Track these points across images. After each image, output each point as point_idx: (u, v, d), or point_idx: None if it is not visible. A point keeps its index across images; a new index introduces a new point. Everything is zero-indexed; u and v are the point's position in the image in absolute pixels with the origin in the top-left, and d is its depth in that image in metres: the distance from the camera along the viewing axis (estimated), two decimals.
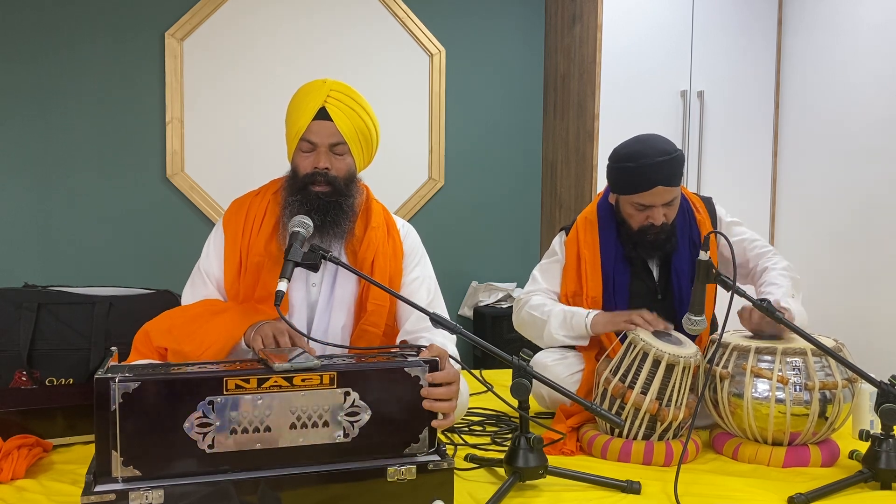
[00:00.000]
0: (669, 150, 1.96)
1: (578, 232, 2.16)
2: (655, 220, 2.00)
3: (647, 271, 2.11)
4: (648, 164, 1.93)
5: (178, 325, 1.69)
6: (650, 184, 1.95)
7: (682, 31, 3.52)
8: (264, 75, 3.64)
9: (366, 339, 1.83)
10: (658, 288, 2.10)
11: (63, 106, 3.45)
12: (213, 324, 1.68)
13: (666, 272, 2.10)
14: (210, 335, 1.65)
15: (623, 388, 1.83)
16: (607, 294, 2.09)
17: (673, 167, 1.95)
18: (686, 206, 2.13)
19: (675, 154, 1.96)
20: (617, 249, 2.09)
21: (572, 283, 2.14)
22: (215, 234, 1.91)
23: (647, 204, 1.99)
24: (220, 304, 1.81)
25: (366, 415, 1.42)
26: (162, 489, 1.29)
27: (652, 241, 2.02)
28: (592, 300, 2.09)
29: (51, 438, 1.82)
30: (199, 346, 1.63)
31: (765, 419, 1.79)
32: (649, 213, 2.00)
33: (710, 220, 2.15)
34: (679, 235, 2.08)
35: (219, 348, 1.63)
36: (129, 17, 3.50)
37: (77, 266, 3.47)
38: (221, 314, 1.72)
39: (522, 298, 2.20)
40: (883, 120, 2.97)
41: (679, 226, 2.08)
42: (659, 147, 1.96)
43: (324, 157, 1.79)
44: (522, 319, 2.18)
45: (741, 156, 3.60)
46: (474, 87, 3.96)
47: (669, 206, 2.01)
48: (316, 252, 1.58)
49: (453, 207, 3.97)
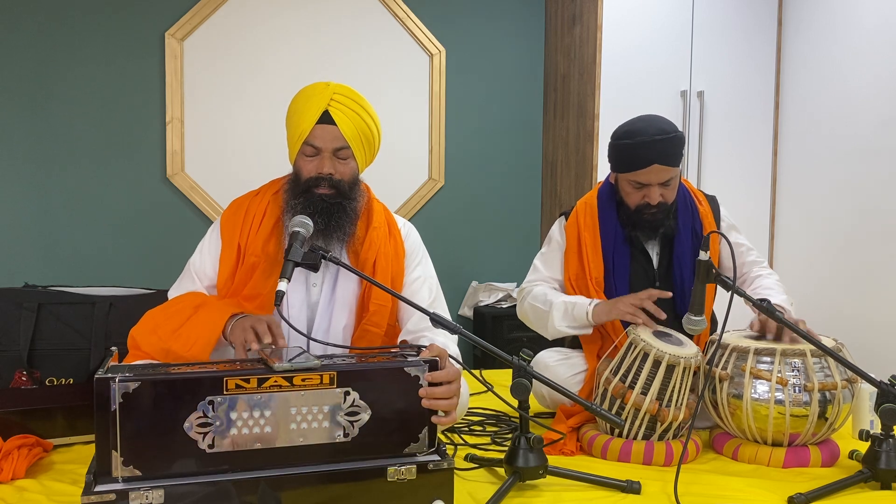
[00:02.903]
0: (668, 129, 1.97)
1: (578, 216, 2.16)
2: (652, 199, 2.00)
3: (647, 257, 2.11)
4: (645, 142, 1.95)
5: (162, 324, 1.68)
6: (646, 161, 1.96)
7: (682, 31, 3.52)
8: (264, 75, 3.64)
9: (367, 339, 1.82)
10: (657, 275, 2.11)
11: (63, 106, 3.45)
12: (195, 318, 1.67)
13: (667, 259, 2.11)
14: (194, 331, 1.64)
15: (623, 388, 1.83)
16: (607, 275, 2.09)
17: (670, 146, 1.96)
18: (689, 198, 2.13)
19: (673, 134, 1.97)
20: (617, 231, 2.10)
21: (574, 267, 2.13)
22: (211, 233, 1.90)
23: (643, 182, 1.99)
24: (200, 295, 1.80)
25: (365, 414, 1.42)
26: (162, 489, 1.29)
27: (649, 220, 2.02)
28: (596, 281, 2.09)
29: (51, 438, 1.83)
30: (185, 343, 1.62)
31: (764, 420, 1.79)
32: (646, 192, 2.00)
33: (714, 216, 2.15)
34: (681, 224, 2.08)
35: (203, 343, 1.61)
36: (129, 17, 3.50)
37: (77, 266, 3.47)
38: (202, 307, 1.71)
39: (525, 289, 2.20)
40: (883, 120, 2.97)
41: (681, 213, 2.09)
42: (658, 125, 1.97)
43: (328, 162, 1.78)
44: (525, 311, 2.18)
45: (741, 156, 3.60)
46: (474, 87, 3.96)
47: (666, 187, 2.01)
48: (316, 252, 1.58)
49: (453, 207, 3.97)
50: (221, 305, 1.72)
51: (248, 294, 1.79)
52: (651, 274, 2.11)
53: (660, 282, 2.10)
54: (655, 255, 2.12)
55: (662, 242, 2.11)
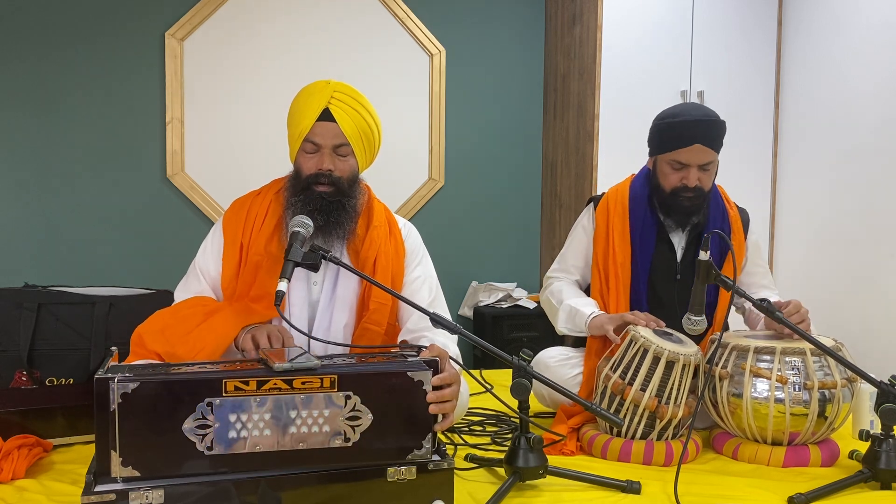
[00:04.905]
0: (711, 114, 2.04)
1: (609, 201, 2.19)
2: (689, 181, 2.02)
3: (672, 250, 2.12)
4: (690, 121, 2.00)
5: (171, 326, 1.68)
6: (690, 140, 1.99)
7: (682, 31, 3.52)
8: (264, 75, 3.64)
9: (367, 338, 1.82)
10: (679, 268, 2.12)
11: (63, 106, 3.46)
12: (205, 325, 1.67)
13: (691, 254, 2.12)
14: (203, 338, 1.64)
15: (622, 384, 1.83)
16: (633, 261, 2.11)
17: (713, 129, 2.01)
18: (721, 201, 2.16)
19: (717, 119, 2.02)
20: (646, 219, 2.11)
21: (602, 251, 2.16)
22: (214, 232, 1.91)
23: (684, 162, 2.02)
24: (212, 302, 1.81)
25: (367, 419, 1.40)
26: (162, 489, 1.29)
27: (684, 205, 2.05)
28: (621, 266, 2.10)
29: (51, 438, 1.82)
30: (192, 348, 1.62)
31: (764, 419, 1.79)
32: (684, 175, 2.03)
33: (743, 226, 2.17)
34: (710, 222, 2.10)
35: (211, 350, 1.62)
36: (129, 17, 3.50)
37: (77, 266, 3.47)
38: (214, 315, 1.71)
39: (548, 279, 2.30)
40: (883, 120, 2.97)
41: (712, 211, 2.11)
42: (703, 109, 2.06)
43: (328, 158, 1.79)
44: (545, 301, 2.28)
45: (741, 156, 3.60)
46: (474, 87, 3.96)
47: (705, 172, 2.04)
48: (316, 252, 1.58)
49: (453, 207, 3.97)
50: (232, 314, 1.72)
51: (255, 295, 1.79)
52: (673, 266, 2.12)
53: (680, 275, 2.11)
54: (680, 249, 2.13)
55: (689, 237, 2.12)
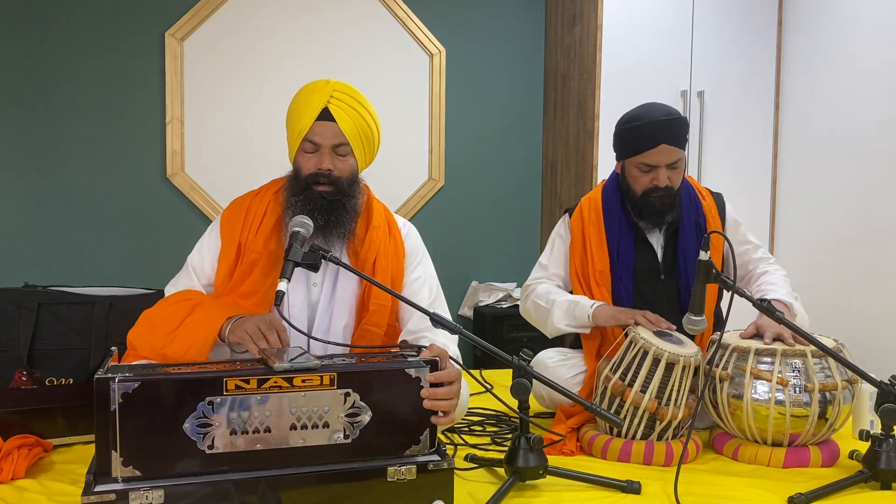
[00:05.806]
0: (672, 112, 2.04)
1: (583, 211, 2.19)
2: (660, 181, 2.02)
3: (652, 250, 2.12)
4: (653, 122, 2.00)
5: (157, 327, 1.66)
6: (655, 141, 2.00)
7: (682, 31, 3.52)
8: (264, 75, 3.64)
9: (367, 339, 1.82)
10: (662, 268, 2.12)
11: (63, 106, 3.45)
12: (190, 321, 1.65)
13: (671, 252, 2.12)
14: (189, 333, 1.62)
15: (622, 385, 1.83)
16: (613, 268, 2.11)
17: (677, 127, 2.01)
18: (692, 192, 2.16)
19: (679, 116, 2.03)
20: (621, 224, 2.12)
21: (579, 261, 2.16)
22: (211, 231, 1.90)
23: (651, 164, 2.03)
24: (196, 294, 1.78)
25: (366, 416, 1.41)
26: (162, 489, 1.29)
27: (657, 205, 2.05)
28: (601, 274, 2.10)
29: (51, 438, 1.82)
30: (181, 347, 1.61)
31: (764, 421, 1.79)
32: (654, 175, 2.03)
33: (718, 211, 2.16)
34: (685, 217, 2.10)
35: (199, 346, 1.60)
36: (129, 17, 3.50)
37: (77, 266, 3.47)
38: (197, 308, 1.69)
39: (529, 286, 2.25)
40: (883, 120, 2.97)
41: (685, 206, 2.11)
42: (663, 108, 2.04)
43: (327, 158, 1.78)
44: (528, 308, 2.23)
45: (741, 156, 3.60)
46: (474, 87, 3.96)
47: (674, 170, 2.04)
48: (316, 252, 1.58)
49: (453, 207, 3.97)
50: (217, 306, 1.70)
51: (245, 291, 1.78)
52: (656, 266, 2.12)
53: (664, 275, 2.11)
54: (660, 249, 2.13)
55: (666, 236, 2.12)
